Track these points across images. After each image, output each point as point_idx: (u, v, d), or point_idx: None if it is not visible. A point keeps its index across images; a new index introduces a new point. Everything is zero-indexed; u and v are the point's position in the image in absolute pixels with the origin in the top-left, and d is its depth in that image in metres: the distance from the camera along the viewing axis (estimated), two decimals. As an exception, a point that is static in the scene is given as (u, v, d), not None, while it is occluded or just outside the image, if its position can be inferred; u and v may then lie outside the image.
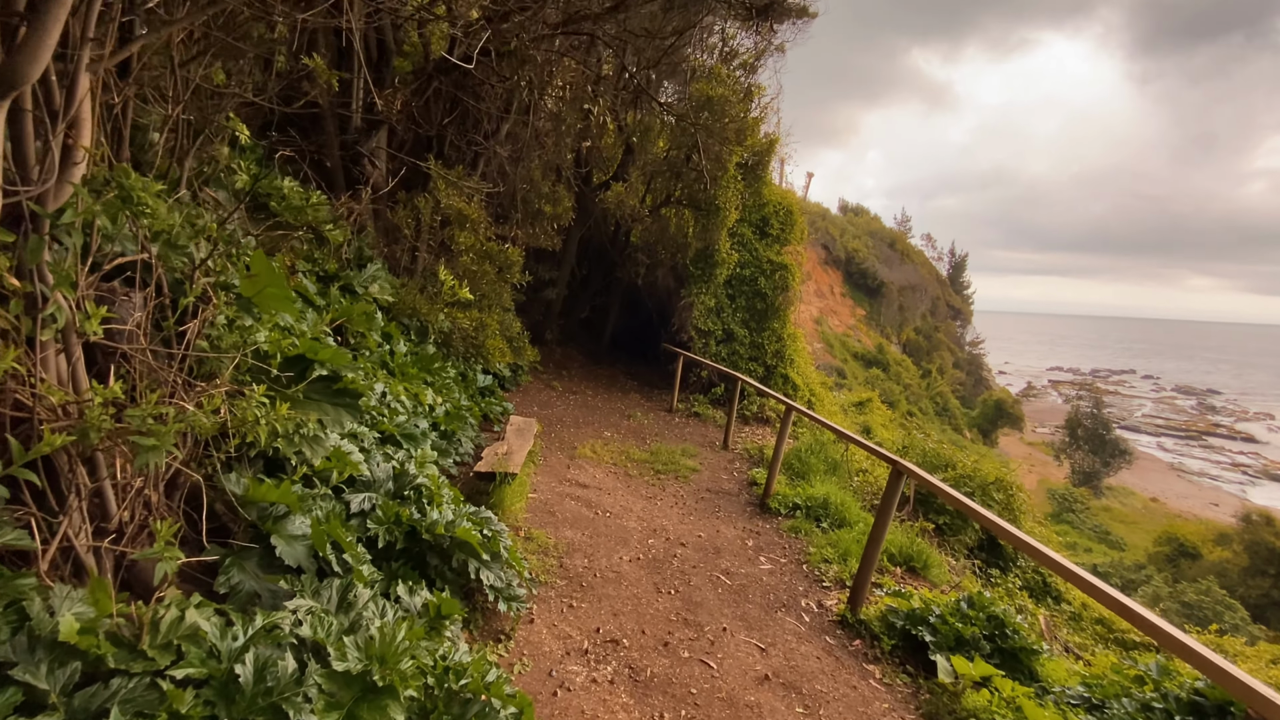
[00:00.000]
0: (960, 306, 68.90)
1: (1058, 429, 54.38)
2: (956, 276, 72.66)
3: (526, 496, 6.23)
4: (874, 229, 61.48)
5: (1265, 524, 29.82)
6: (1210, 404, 79.79)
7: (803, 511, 7.02)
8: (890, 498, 4.92)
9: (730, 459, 9.08)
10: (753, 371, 11.66)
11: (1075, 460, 46.41)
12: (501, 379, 10.43)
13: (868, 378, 38.36)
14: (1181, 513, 44.06)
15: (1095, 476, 44.65)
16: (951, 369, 58.00)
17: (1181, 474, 54.09)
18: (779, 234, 11.88)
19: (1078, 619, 8.05)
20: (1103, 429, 46.48)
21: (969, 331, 68.85)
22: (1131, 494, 45.88)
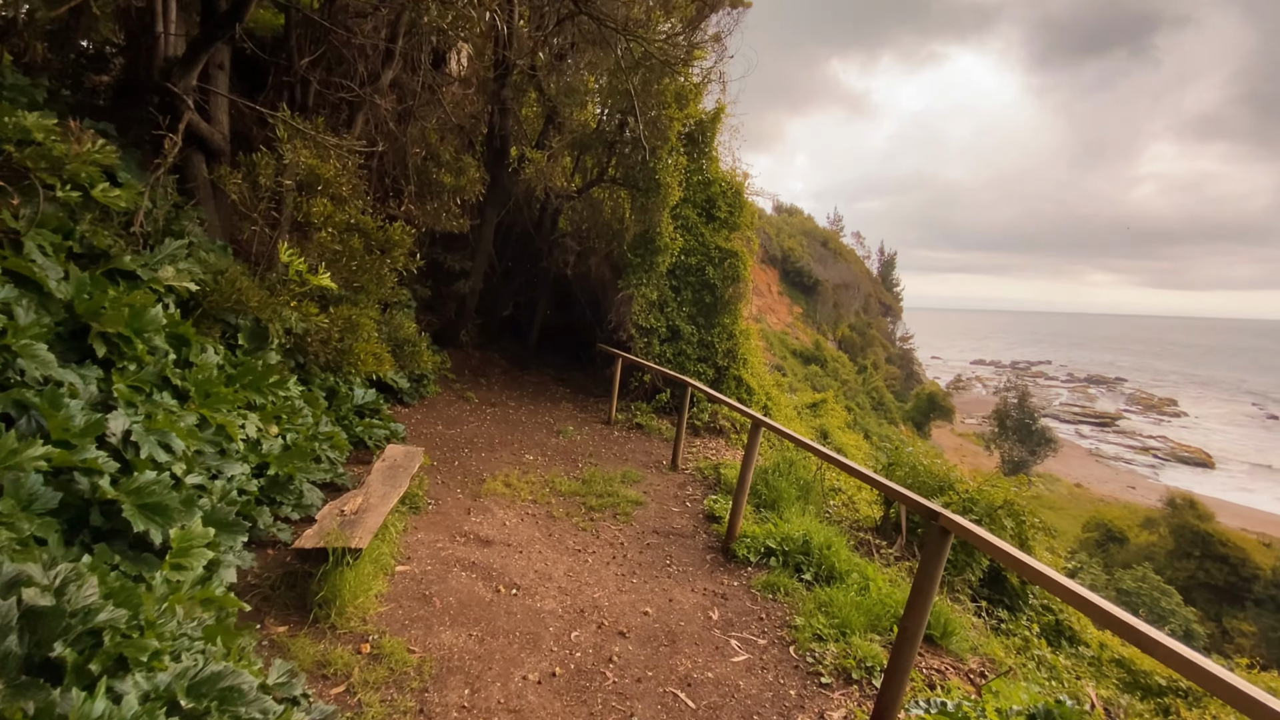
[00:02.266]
0: (891, 303, 69.69)
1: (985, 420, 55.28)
2: (887, 274, 73.55)
3: (392, 571, 4.20)
4: (808, 228, 61.31)
5: (1189, 507, 30.15)
6: (1121, 391, 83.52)
7: (778, 558, 5.24)
8: (933, 571, 3.17)
9: (681, 483, 7.25)
10: (702, 374, 9.88)
11: (1004, 450, 46.85)
12: (398, 392, 8.30)
13: (806, 374, 37.60)
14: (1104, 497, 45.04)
15: (1024, 465, 45.04)
16: (885, 364, 58.32)
17: (1099, 459, 55.75)
18: (727, 217, 10.16)
19: (1098, 663, 6.60)
20: (1029, 419, 47.13)
21: (900, 327, 69.74)
22: (1058, 480, 46.54)
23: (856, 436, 14.15)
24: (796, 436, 4.87)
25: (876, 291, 66.88)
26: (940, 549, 3.15)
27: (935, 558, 3.16)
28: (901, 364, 63.42)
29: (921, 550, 3.04)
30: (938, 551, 3.16)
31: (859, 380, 47.86)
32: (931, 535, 3.19)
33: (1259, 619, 24.20)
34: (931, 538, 3.19)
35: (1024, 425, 46.95)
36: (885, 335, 64.05)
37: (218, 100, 6.87)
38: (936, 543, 3.16)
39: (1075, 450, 57.31)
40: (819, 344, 46.21)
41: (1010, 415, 47.58)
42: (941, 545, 3.15)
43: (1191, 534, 29.08)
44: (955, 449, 51.63)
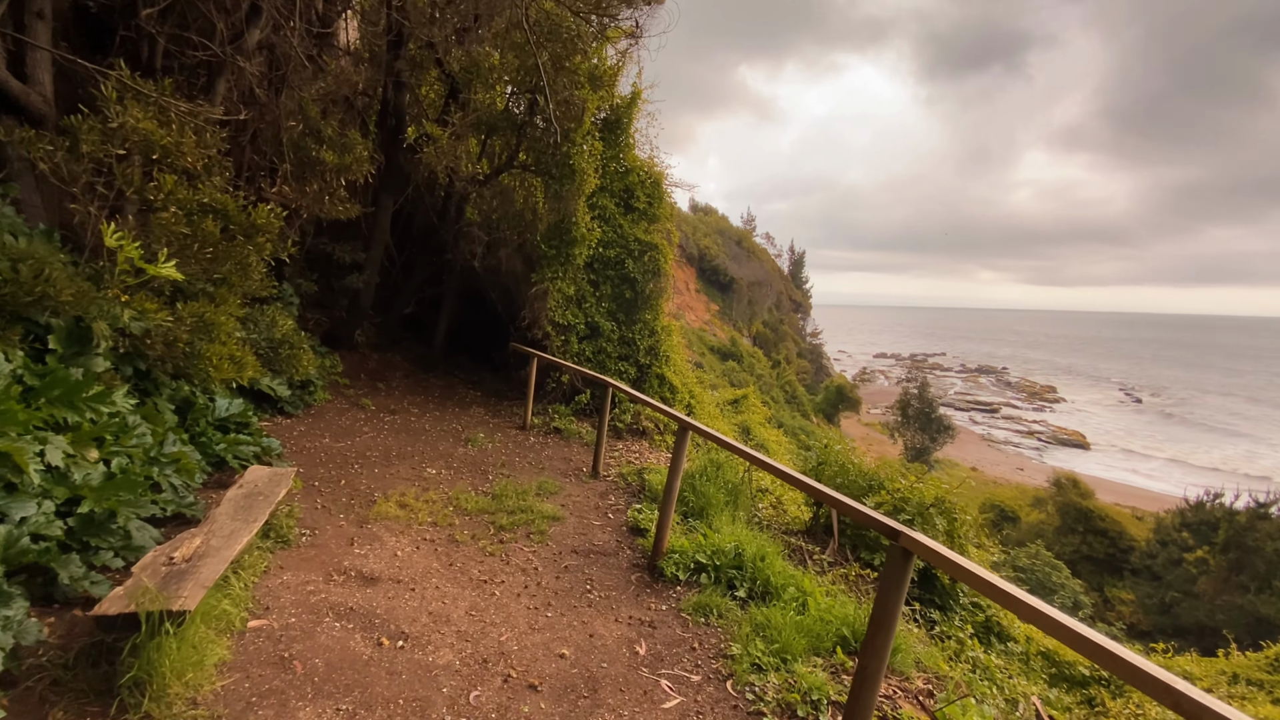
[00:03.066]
0: (801, 300, 71.81)
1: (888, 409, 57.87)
2: (797, 272, 75.72)
3: (242, 629, 3.35)
4: (722, 228, 62.21)
5: (1072, 486, 32.33)
6: (1006, 380, 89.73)
7: (709, 574, 4.71)
8: (894, 600, 2.70)
9: (602, 491, 6.62)
10: (624, 373, 9.29)
11: (907, 438, 49.01)
12: (278, 401, 7.23)
13: (724, 370, 37.93)
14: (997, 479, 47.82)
15: (925, 452, 47.34)
16: (797, 358, 60.04)
17: (991, 444, 59.34)
18: (646, 208, 9.61)
19: (1026, 658, 6.51)
20: (929, 408, 49.51)
21: (809, 323, 72.01)
22: (956, 465, 49.15)
23: (778, 433, 14.04)
24: (730, 442, 4.34)
25: (787, 289, 68.71)
26: (902, 574, 2.68)
27: (897, 585, 2.68)
28: (811, 358, 65.51)
29: (879, 576, 2.54)
30: (899, 577, 2.68)
31: (773, 375, 48.95)
32: (892, 558, 2.71)
33: (1136, 587, 26.16)
34: (892, 561, 2.71)
35: (924, 414, 49.29)
36: (796, 331, 65.91)
37: (37, 56, 5.65)
38: (898, 567, 2.69)
39: (970, 436, 60.85)
40: (735, 340, 46.86)
41: (911, 405, 49.85)
42: (903, 569, 2.68)
43: (1075, 511, 31.13)
44: (862, 438, 53.76)
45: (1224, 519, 24.81)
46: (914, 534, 2.62)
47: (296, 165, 6.87)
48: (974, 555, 6.14)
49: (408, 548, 4.79)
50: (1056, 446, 56.94)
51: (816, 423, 48.80)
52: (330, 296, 9.29)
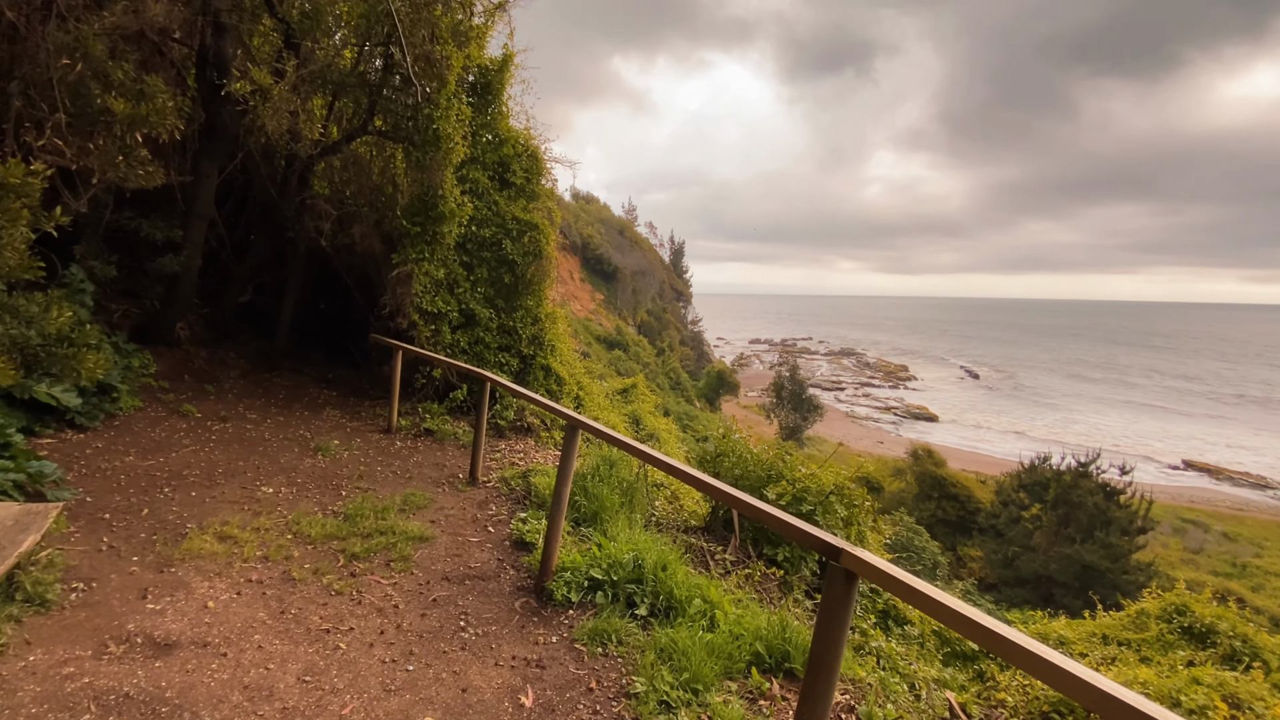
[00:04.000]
0: (682, 289, 73.04)
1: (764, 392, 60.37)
2: (677, 262, 76.87)
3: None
4: (605, 217, 61.79)
5: (928, 456, 34.95)
6: (866, 361, 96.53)
7: (605, 591, 4.07)
8: (836, 633, 2.18)
9: (481, 500, 5.78)
10: (506, 365, 8.40)
11: (781, 418, 51.14)
12: (64, 411, 5.72)
13: (611, 359, 37.62)
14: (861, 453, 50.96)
15: (798, 430, 49.64)
16: (680, 346, 61.06)
17: (855, 420, 63.32)
18: (524, 184, 8.73)
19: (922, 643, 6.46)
20: (800, 389, 51.94)
21: (690, 311, 73.47)
22: (825, 441, 51.92)
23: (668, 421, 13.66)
24: (629, 443, 3.69)
25: (669, 278, 69.58)
26: (845, 601, 2.16)
27: (839, 615, 2.16)
28: (693, 345, 66.91)
29: (819, 603, 1.96)
30: (842, 605, 2.16)
31: (658, 362, 49.39)
32: (833, 583, 2.18)
33: (983, 545, 28.63)
34: (834, 587, 2.18)
35: (796, 395, 51.62)
36: (679, 319, 66.97)
37: None
38: (840, 594, 2.16)
39: (836, 414, 64.59)
40: (620, 329, 46.71)
41: (785, 387, 52.05)
42: (846, 596, 2.16)
43: (931, 479, 33.62)
44: (741, 420, 55.60)
45: (1053, 479, 27.56)
46: (858, 552, 2.10)
47: (76, 116, 5.38)
48: (871, 539, 5.94)
49: (225, 595, 3.75)
50: (910, 420, 61.76)
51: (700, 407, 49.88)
52: (141, 283, 7.65)
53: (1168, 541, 30.88)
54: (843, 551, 2.10)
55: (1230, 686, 4.73)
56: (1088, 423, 58.35)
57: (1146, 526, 25.71)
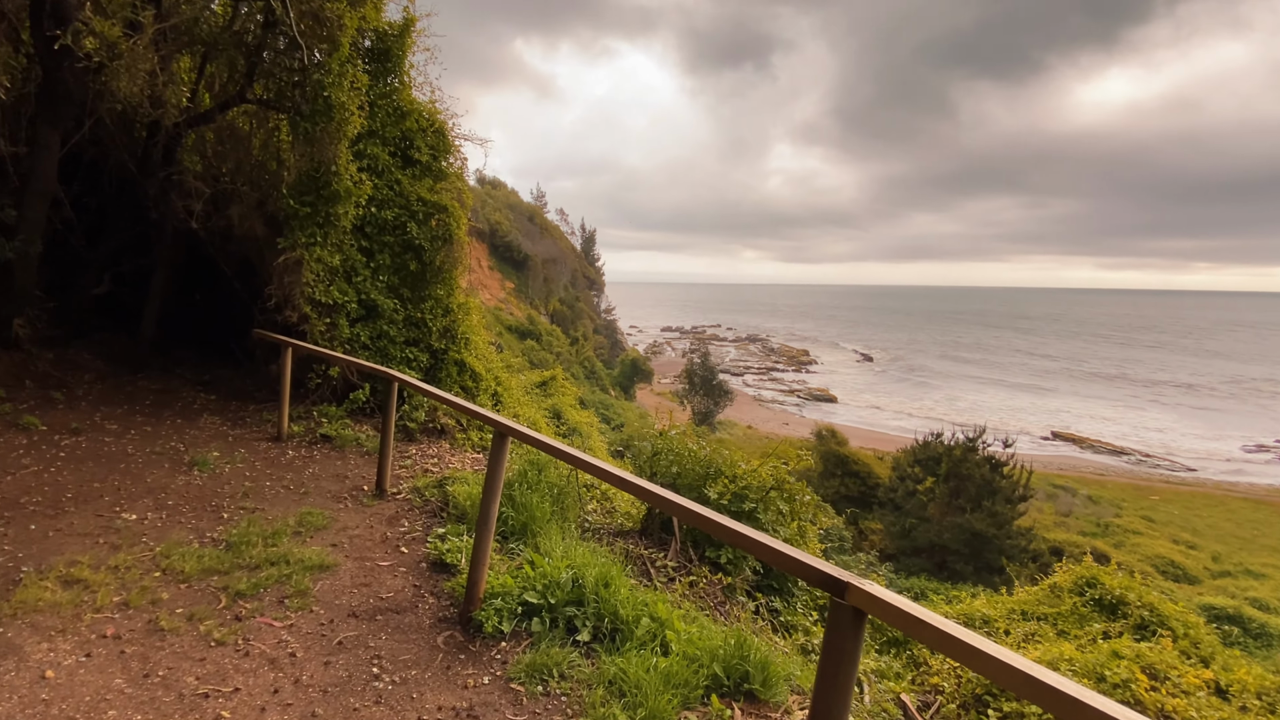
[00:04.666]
0: (595, 277, 72.44)
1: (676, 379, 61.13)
2: (589, 250, 76.17)
3: None
4: (513, 203, 60.09)
5: (831, 436, 36.42)
6: (770, 347, 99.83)
7: (543, 617, 3.61)
8: (844, 683, 1.85)
9: (391, 515, 5.14)
10: (414, 361, 7.64)
11: (694, 404, 51.92)
12: None
13: (524, 350, 36.66)
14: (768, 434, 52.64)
15: (710, 415, 50.61)
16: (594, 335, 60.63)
17: (761, 403, 65.28)
18: (430, 162, 7.96)
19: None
20: (711, 376, 52.90)
21: (603, 300, 73.09)
22: (735, 425, 53.28)
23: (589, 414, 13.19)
24: (573, 453, 3.23)
25: (581, 266, 68.78)
26: (853, 641, 1.83)
27: (846, 658, 1.83)
28: (607, 334, 66.66)
29: (823, 645, 1.59)
30: (850, 647, 1.83)
31: (573, 352, 48.76)
32: (838, 624, 1.84)
33: (882, 518, 30.13)
34: (839, 628, 1.84)
35: (707, 381, 52.53)
36: (592, 308, 66.41)
37: None
38: (847, 636, 1.83)
39: (744, 398, 66.33)
40: (533, 318, 45.68)
41: (697, 374, 52.82)
42: (854, 638, 1.83)
43: (834, 457, 35.03)
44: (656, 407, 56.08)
45: (944, 454, 29.31)
46: (868, 586, 1.77)
47: None
48: (810, 533, 5.79)
49: (70, 659, 3.00)
50: (813, 402, 64.39)
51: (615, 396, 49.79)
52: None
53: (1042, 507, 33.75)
54: (849, 586, 1.76)
55: (1147, 657, 4.91)
56: (968, 400, 62.99)
57: (1026, 494, 27.91)
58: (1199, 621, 5.69)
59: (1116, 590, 5.94)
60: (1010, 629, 6.12)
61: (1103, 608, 5.94)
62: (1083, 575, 6.33)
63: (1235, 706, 4.49)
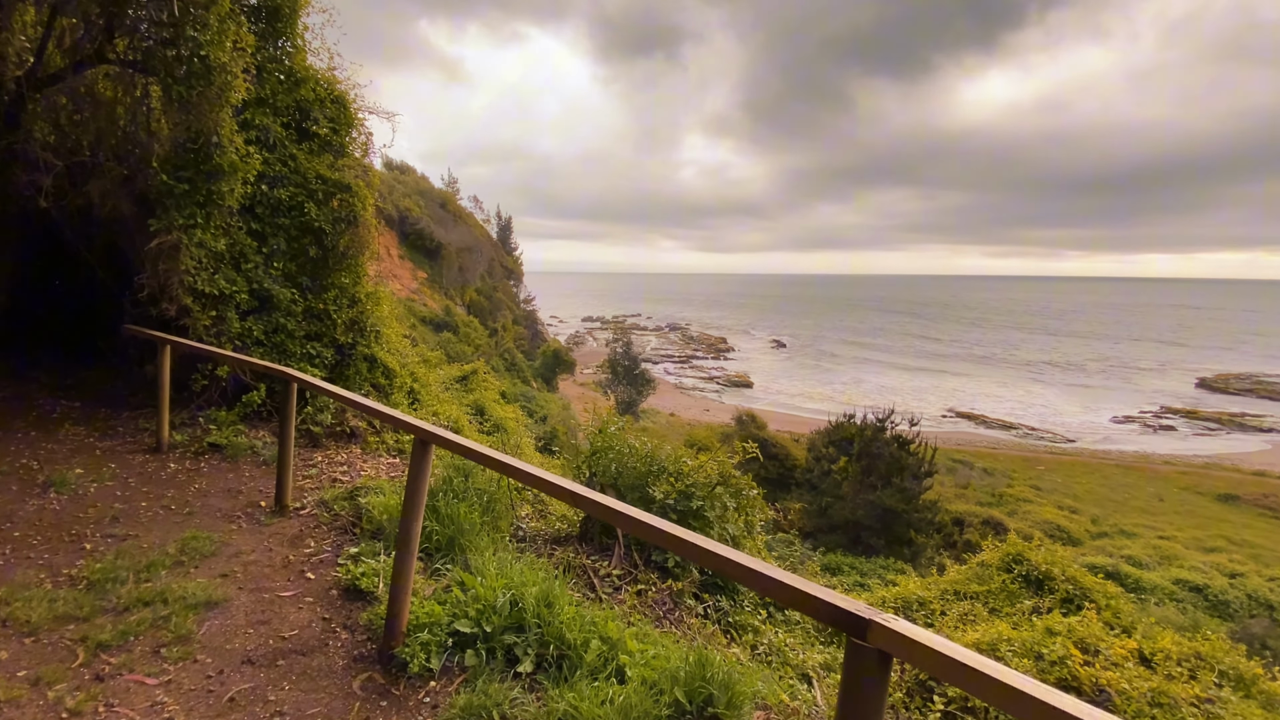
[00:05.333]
0: (513, 266, 70.65)
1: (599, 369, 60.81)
2: (506, 238, 74.22)
3: None
4: (423, 188, 57.44)
5: (751, 421, 37.20)
6: (690, 335, 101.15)
7: (478, 649, 3.17)
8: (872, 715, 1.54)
9: (295, 535, 4.49)
10: (317, 358, 6.85)
11: (618, 393, 51.82)
12: None
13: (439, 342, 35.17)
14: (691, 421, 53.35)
15: (633, 404, 50.68)
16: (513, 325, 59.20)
17: (682, 391, 66.04)
18: (330, 136, 7.14)
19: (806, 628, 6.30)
20: (634, 365, 52.94)
21: (522, 290, 71.47)
22: (658, 413, 53.66)
23: (514, 409, 12.61)
24: (512, 463, 2.78)
25: (498, 255, 66.86)
26: (877, 690, 1.53)
27: (873, 710, 1.53)
28: (527, 324, 65.26)
29: (840, 697, 1.25)
30: (874, 696, 1.53)
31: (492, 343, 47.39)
32: (859, 667, 1.53)
33: (801, 498, 31.05)
34: (861, 672, 1.53)
35: (630, 370, 52.54)
36: (511, 298, 64.71)
37: None
38: (871, 679, 1.52)
39: (666, 386, 66.87)
40: (449, 309, 43.95)
41: (620, 363, 52.68)
42: (879, 683, 1.53)
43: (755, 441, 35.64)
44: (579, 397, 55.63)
45: (856, 434, 30.47)
46: (894, 623, 1.47)
47: None
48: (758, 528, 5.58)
49: None
50: (732, 388, 65.72)
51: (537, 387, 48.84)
52: None
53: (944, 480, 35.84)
54: (871, 624, 1.45)
55: (1078, 632, 5.01)
56: (872, 382, 66.18)
57: (931, 470, 29.47)
58: (1118, 592, 5.93)
59: (1042, 566, 6.11)
60: (946, 609, 6.18)
61: (1030, 583, 6.10)
62: (1009, 552, 6.49)
63: (1162, 674, 4.63)
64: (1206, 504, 30.98)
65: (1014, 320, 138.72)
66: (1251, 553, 24.82)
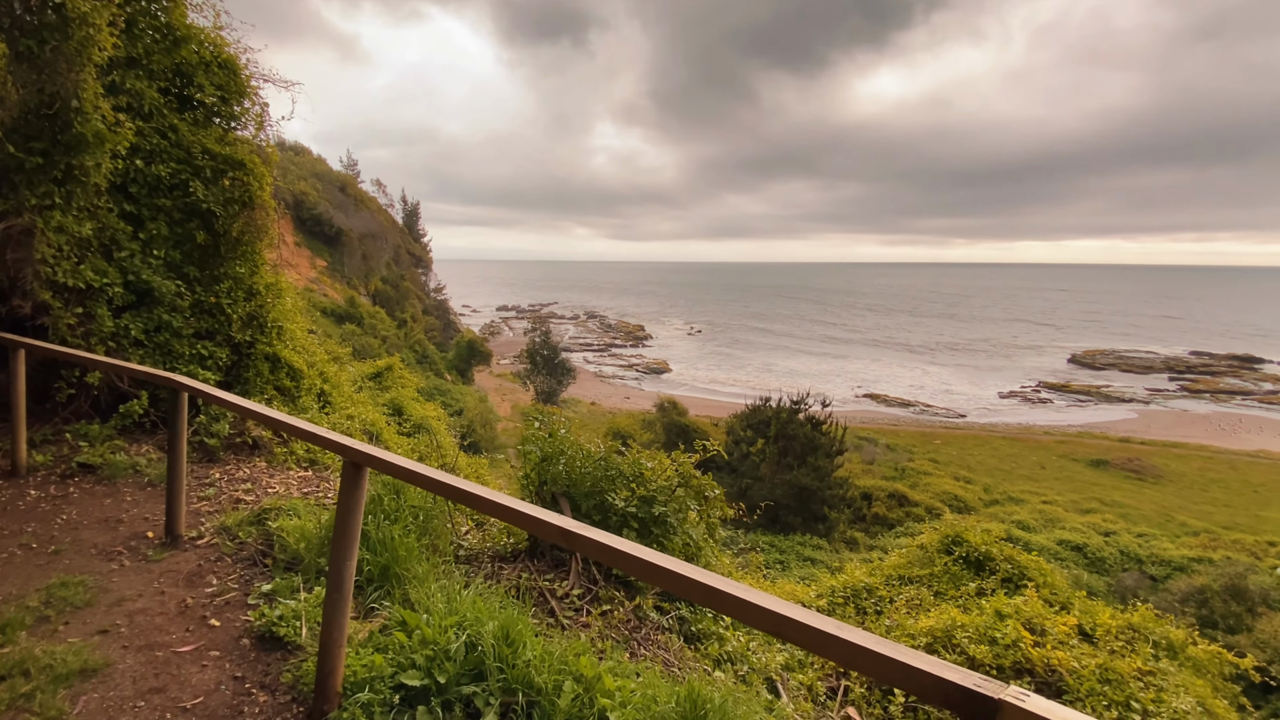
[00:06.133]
0: (421, 254, 67.61)
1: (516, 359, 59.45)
2: (412, 224, 70.93)
3: None
4: (320, 171, 53.73)
5: (672, 407, 37.44)
6: (608, 323, 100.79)
7: (432, 708, 2.69)
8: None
9: (193, 571, 3.79)
10: (211, 359, 5.95)
11: (537, 384, 50.92)
12: None
13: (344, 335, 33.07)
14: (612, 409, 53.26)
15: (554, 394, 49.97)
16: (424, 316, 56.71)
17: (603, 379, 65.82)
18: (218, 105, 6.20)
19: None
20: (553, 354, 52.12)
21: (432, 279, 68.56)
22: (579, 402, 53.20)
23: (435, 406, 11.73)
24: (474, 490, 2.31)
25: (405, 242, 63.73)
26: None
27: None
28: (439, 314, 62.74)
29: None
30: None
31: (401, 335, 45.19)
32: None
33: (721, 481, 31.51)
34: None
35: (550, 360, 51.67)
36: (420, 287, 61.92)
37: None
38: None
39: (585, 374, 66.46)
40: (353, 300, 41.47)
41: (539, 353, 51.70)
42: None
43: (676, 428, 35.99)
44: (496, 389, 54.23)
45: (773, 416, 31.23)
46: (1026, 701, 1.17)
47: None
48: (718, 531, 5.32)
49: None
50: (651, 375, 66.09)
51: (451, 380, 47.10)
52: None
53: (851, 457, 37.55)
54: (1002, 706, 1.15)
55: (1024, 612, 5.10)
56: (782, 366, 68.50)
57: (842, 448, 30.69)
58: (1051, 569, 6.15)
59: (981, 547, 6.24)
60: (893, 596, 6.20)
61: (970, 564, 6.22)
62: (948, 534, 6.61)
63: (1105, 650, 4.78)
64: (1081, 469, 34.11)
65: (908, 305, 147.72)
66: (1121, 512, 27.52)
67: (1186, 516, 27.03)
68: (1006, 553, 6.10)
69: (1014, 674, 4.58)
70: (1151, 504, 29.10)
